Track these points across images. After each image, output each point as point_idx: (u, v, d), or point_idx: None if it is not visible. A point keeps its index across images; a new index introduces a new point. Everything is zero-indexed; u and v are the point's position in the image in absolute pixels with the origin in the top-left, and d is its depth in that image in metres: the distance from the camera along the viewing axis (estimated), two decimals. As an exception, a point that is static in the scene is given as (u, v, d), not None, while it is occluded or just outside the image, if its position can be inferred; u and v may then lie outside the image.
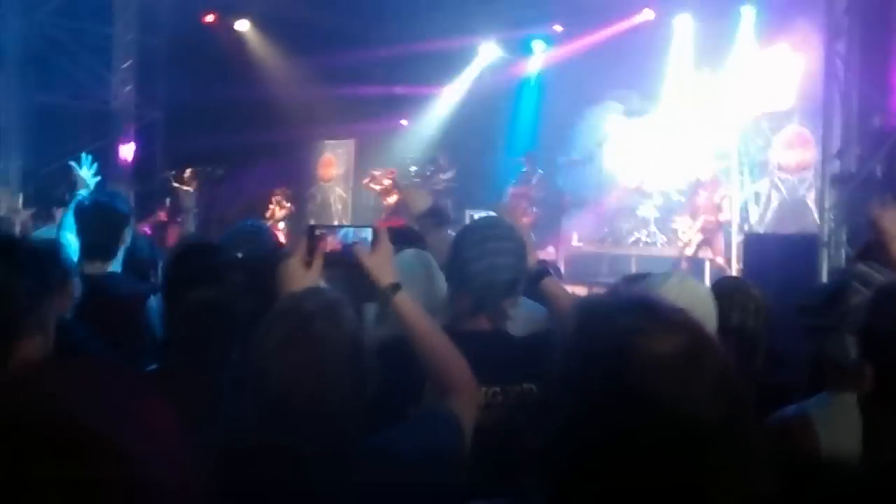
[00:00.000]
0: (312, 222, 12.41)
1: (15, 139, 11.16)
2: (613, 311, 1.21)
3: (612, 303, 1.24)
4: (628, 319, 1.17)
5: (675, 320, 1.16)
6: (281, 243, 3.51)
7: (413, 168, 13.43)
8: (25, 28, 11.11)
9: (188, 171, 12.52)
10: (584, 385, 1.15)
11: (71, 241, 3.67)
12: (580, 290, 9.09)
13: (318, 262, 2.13)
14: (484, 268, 2.33)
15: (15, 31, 10.97)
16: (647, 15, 11.47)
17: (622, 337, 1.14)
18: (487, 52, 13.60)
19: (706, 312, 2.37)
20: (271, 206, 13.31)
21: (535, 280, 2.63)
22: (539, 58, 13.24)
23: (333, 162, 14.86)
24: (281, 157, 13.58)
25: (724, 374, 1.14)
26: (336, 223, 13.88)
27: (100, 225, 3.63)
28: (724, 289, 3.00)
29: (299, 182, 14.53)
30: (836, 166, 7.00)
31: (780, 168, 9.85)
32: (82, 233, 3.61)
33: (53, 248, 2.57)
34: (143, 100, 12.19)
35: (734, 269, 9.50)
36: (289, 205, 13.43)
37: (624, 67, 11.40)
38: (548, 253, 10.74)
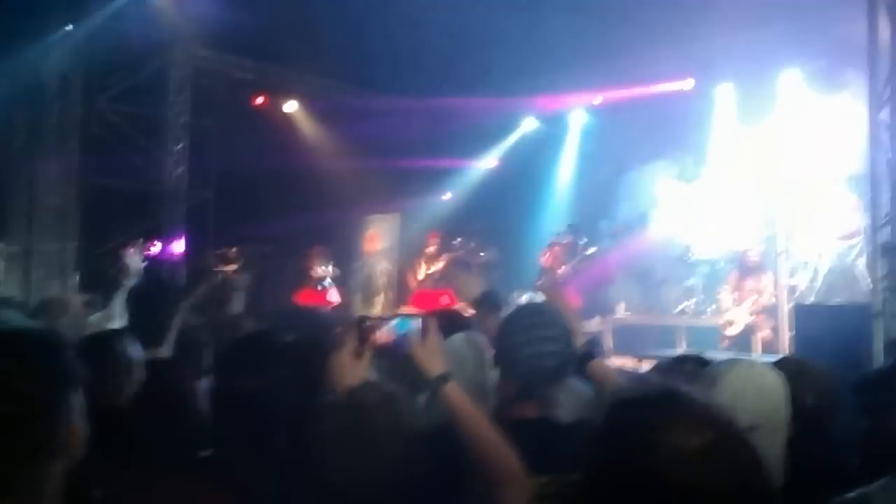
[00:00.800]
0: (364, 314, 12.51)
1: (72, 222, 11.51)
2: (640, 405, 1.24)
3: (639, 397, 1.27)
4: (654, 414, 1.20)
5: (700, 415, 1.19)
6: (332, 324, 3.55)
7: (458, 240, 13.51)
8: (86, 113, 11.57)
9: (233, 250, 12.71)
10: (612, 478, 1.18)
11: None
12: (627, 362, 9.00)
13: (367, 354, 2.16)
14: (530, 354, 2.34)
15: (76, 117, 11.43)
16: (688, 84, 11.57)
17: (647, 431, 1.17)
18: (528, 125, 13.81)
19: (777, 399, 2.31)
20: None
21: (582, 362, 2.63)
22: (577, 128, 13.40)
23: (378, 236, 15.03)
24: (328, 233, 13.78)
25: (751, 468, 1.16)
26: (381, 301, 13.97)
27: (150, 311, 3.70)
28: (791, 369, 2.91)
29: (346, 257, 14.68)
30: (886, 234, 6.90)
31: (828, 236, 9.74)
32: (133, 319, 3.67)
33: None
34: (195, 180, 12.53)
35: (782, 341, 9.32)
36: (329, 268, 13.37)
37: (666, 135, 11.49)
38: (594, 324, 10.66)
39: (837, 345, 6.04)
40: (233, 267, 12.61)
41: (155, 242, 11.52)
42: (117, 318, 3.88)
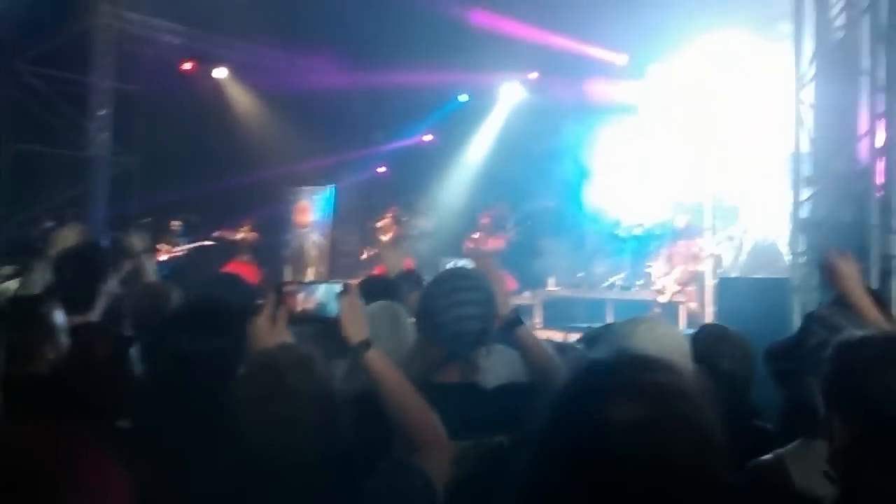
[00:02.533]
0: (284, 279, 12.41)
1: (-9, 187, 11.12)
2: (585, 373, 1.24)
3: (593, 364, 1.28)
4: (598, 383, 1.20)
5: (642, 385, 1.19)
6: (256, 292, 3.51)
7: (389, 214, 13.49)
8: (2, 76, 11.12)
9: (177, 223, 12.41)
10: (558, 449, 1.18)
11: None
12: (556, 335, 9.11)
13: (284, 319, 2.15)
14: (452, 319, 2.35)
15: (-7, 80, 11.00)
16: (621, 59, 11.73)
17: (582, 402, 1.18)
18: (461, 99, 13.84)
19: (680, 356, 2.39)
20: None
21: (509, 328, 2.65)
22: (510, 102, 13.46)
23: (310, 208, 14.88)
24: (258, 203, 13.58)
25: (698, 434, 1.17)
26: (310, 273, 13.89)
27: (80, 275, 3.61)
28: (710, 336, 3.02)
29: (277, 228, 14.52)
30: (805, 211, 7.11)
31: (754, 212, 10.00)
32: (61, 283, 3.57)
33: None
34: (119, 147, 12.19)
35: (708, 314, 9.57)
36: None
37: (600, 109, 11.65)
38: (523, 298, 10.78)
39: (758, 318, 6.22)
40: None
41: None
42: (38, 285, 3.76)
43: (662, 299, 10.10)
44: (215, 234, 12.64)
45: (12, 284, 5.34)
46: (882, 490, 1.59)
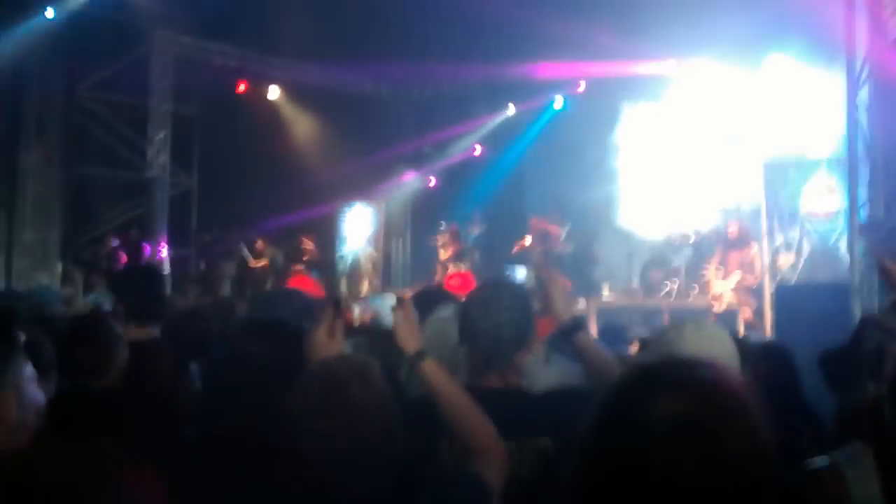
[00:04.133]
0: (339, 292, 12.58)
1: (55, 210, 11.47)
2: (630, 374, 1.25)
3: (638, 366, 1.27)
4: (641, 381, 1.21)
5: (686, 382, 1.17)
6: (316, 307, 3.57)
7: (443, 223, 13.58)
8: (67, 102, 11.51)
9: (259, 242, 12.67)
10: (604, 449, 1.18)
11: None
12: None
13: (341, 332, 2.21)
14: (489, 325, 2.40)
15: (57, 107, 11.37)
16: (669, 65, 11.65)
17: (624, 399, 1.18)
18: (515, 116, 13.89)
19: (728, 357, 2.40)
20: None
21: (567, 335, 2.67)
22: (556, 114, 13.48)
23: (365, 222, 15.04)
24: (312, 219, 13.78)
25: (743, 437, 1.14)
26: (364, 285, 14.02)
27: (145, 289, 3.71)
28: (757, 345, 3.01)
29: (331, 243, 14.70)
30: (863, 214, 6.99)
31: (810, 216, 9.83)
32: (126, 297, 3.66)
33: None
34: (177, 168, 12.49)
35: (767, 320, 9.41)
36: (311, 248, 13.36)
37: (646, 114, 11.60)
38: (578, 306, 10.73)
39: (819, 323, 6.12)
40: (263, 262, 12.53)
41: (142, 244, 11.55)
42: (100, 298, 3.90)
43: (718, 307, 9.96)
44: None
45: (80, 302, 5.54)
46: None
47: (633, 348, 3.82)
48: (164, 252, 11.79)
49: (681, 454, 1.10)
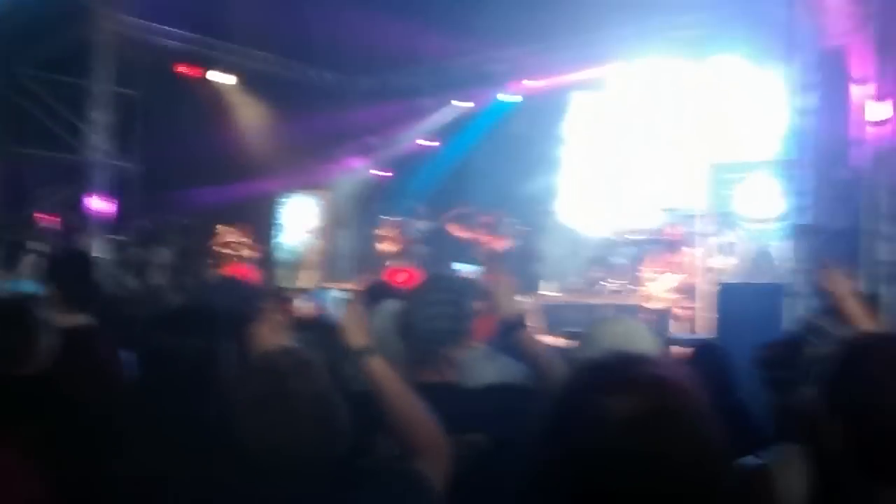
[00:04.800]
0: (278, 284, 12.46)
1: (-12, 191, 11.13)
2: (581, 372, 1.25)
3: (592, 362, 1.27)
4: (593, 378, 1.21)
5: (638, 382, 1.18)
6: (254, 297, 3.53)
7: (384, 217, 13.53)
8: (2, 81, 11.16)
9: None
10: (557, 447, 1.18)
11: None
12: (558, 341, 9.13)
13: (283, 325, 2.19)
14: (423, 318, 2.42)
15: (-7, 85, 11.02)
16: (615, 68, 11.76)
17: (584, 395, 1.18)
18: (458, 109, 13.88)
19: (647, 349, 2.44)
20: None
21: (509, 333, 2.68)
22: (504, 113, 13.52)
23: (305, 212, 14.90)
24: (253, 208, 13.59)
25: (693, 431, 1.16)
26: (306, 278, 13.91)
27: (77, 276, 3.63)
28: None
29: (273, 232, 14.54)
30: (799, 218, 7.15)
31: (745, 219, 10.04)
32: (59, 284, 3.57)
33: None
34: (118, 152, 12.20)
35: (700, 319, 9.60)
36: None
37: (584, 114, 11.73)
38: (523, 303, 10.78)
39: (757, 323, 6.24)
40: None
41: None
42: (25, 282, 3.79)
43: (649, 306, 10.13)
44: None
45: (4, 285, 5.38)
46: (869, 496, 1.60)
47: (560, 342, 3.86)
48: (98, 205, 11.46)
49: (634, 453, 1.11)
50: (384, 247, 12.86)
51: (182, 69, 12.83)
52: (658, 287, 10.15)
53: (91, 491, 1.80)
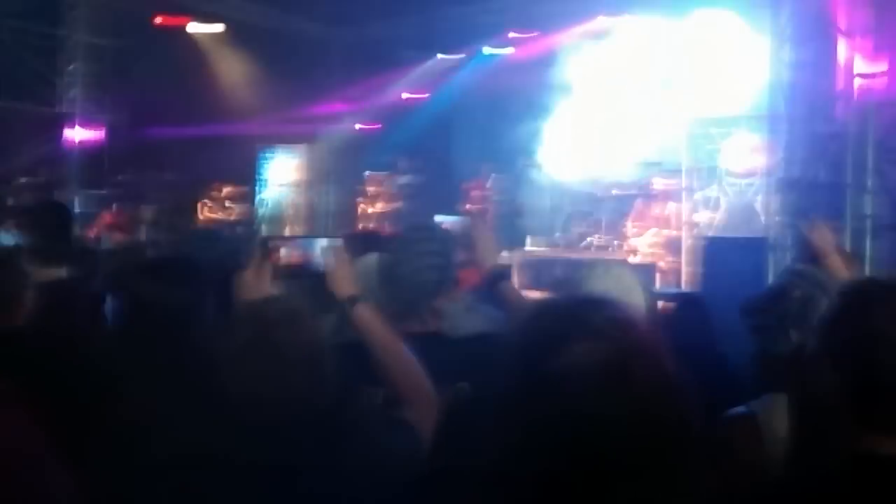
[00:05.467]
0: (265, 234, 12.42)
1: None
2: (546, 318, 1.22)
3: (544, 310, 1.25)
4: (557, 327, 1.18)
5: (603, 327, 1.15)
6: (238, 245, 3.50)
7: (367, 172, 13.45)
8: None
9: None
10: (518, 397, 1.16)
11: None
12: (535, 295, 9.16)
13: (269, 273, 2.16)
14: (408, 270, 2.39)
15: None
16: (601, 23, 11.66)
17: (550, 344, 1.15)
18: (444, 62, 13.72)
19: (635, 300, 2.44)
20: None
21: (491, 284, 2.68)
22: (490, 65, 13.38)
23: (288, 166, 14.77)
24: (233, 160, 13.45)
25: (658, 377, 1.14)
26: (288, 233, 13.85)
27: (52, 229, 3.58)
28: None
29: (253, 186, 14.43)
30: (781, 171, 7.17)
31: (729, 173, 10.04)
32: (34, 237, 3.53)
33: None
34: (89, 103, 11.99)
35: (685, 274, 9.65)
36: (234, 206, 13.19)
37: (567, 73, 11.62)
38: (501, 257, 10.79)
39: (740, 276, 6.29)
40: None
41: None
42: (2, 235, 3.74)
43: (634, 260, 10.17)
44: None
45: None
46: (858, 444, 1.59)
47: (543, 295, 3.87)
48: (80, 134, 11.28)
49: (599, 395, 1.09)
50: (369, 201, 12.84)
51: (161, 20, 12.55)
52: (643, 241, 10.18)
53: (77, 441, 1.78)
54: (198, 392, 1.85)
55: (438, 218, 10.27)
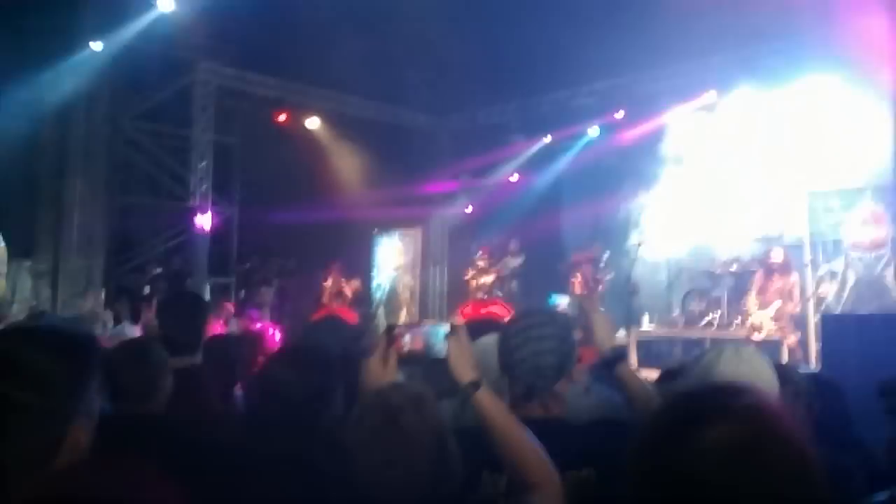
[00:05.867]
0: (391, 322, 12.62)
1: (98, 238, 11.66)
2: (676, 401, 1.23)
3: (684, 394, 1.26)
4: (688, 407, 1.19)
5: (737, 410, 1.16)
6: (359, 335, 3.58)
7: (479, 252, 13.58)
8: (112, 132, 11.74)
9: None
10: (643, 471, 1.17)
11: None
12: (653, 375, 8.93)
13: (394, 360, 2.20)
14: (528, 354, 2.39)
15: (102, 136, 11.60)
16: (711, 97, 11.58)
17: (679, 425, 1.16)
18: (552, 143, 13.89)
19: (766, 381, 2.36)
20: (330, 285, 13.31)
21: (608, 366, 2.65)
22: (595, 144, 13.43)
23: (401, 250, 15.09)
24: (348, 247, 13.86)
25: (791, 465, 1.12)
26: (404, 315, 14.03)
27: (185, 319, 3.72)
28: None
29: (368, 271, 14.77)
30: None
31: (855, 246, 9.66)
32: (167, 327, 3.68)
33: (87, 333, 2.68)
34: (219, 197, 12.64)
35: (812, 351, 9.24)
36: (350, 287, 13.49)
37: (680, 146, 11.54)
38: (619, 337, 10.62)
39: (865, 355, 5.98)
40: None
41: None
42: (127, 325, 3.93)
43: (758, 337, 9.79)
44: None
45: (120, 329, 5.60)
46: None
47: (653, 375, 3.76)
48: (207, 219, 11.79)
49: (736, 479, 1.09)
50: (479, 278, 12.91)
51: (281, 117, 13.23)
52: (764, 315, 9.79)
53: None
54: (326, 479, 1.90)
55: (554, 297, 10.25)
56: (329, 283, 13.10)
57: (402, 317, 14.15)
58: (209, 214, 12.07)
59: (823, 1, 8.95)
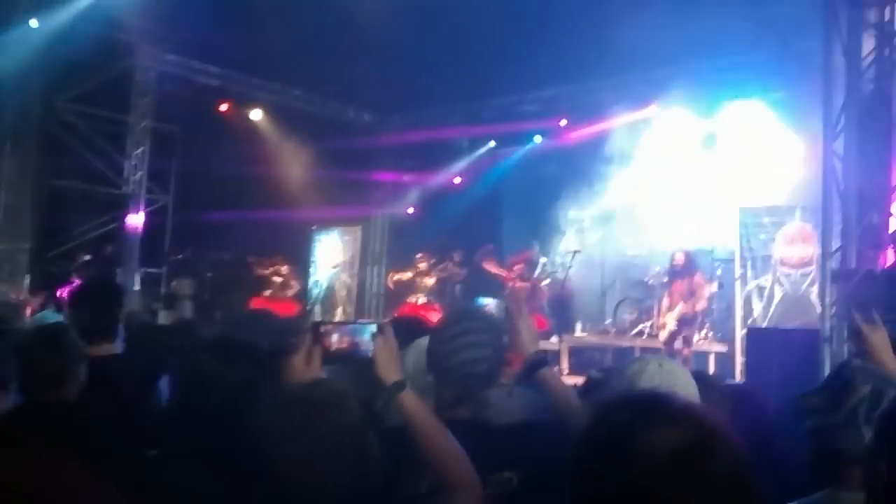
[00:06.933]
0: (317, 318, 12.53)
1: (26, 222, 11.31)
2: (622, 407, 1.23)
3: (622, 399, 1.26)
4: (630, 413, 1.19)
5: (677, 415, 1.17)
6: (288, 330, 3.53)
7: (419, 255, 13.56)
8: (44, 113, 11.39)
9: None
10: (584, 477, 1.17)
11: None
12: (576, 381, 9.00)
13: (318, 357, 2.18)
14: (460, 362, 2.38)
15: (34, 116, 11.24)
16: (653, 111, 11.78)
17: (623, 431, 1.16)
18: (495, 148, 13.98)
19: (689, 393, 2.40)
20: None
21: (531, 370, 2.66)
22: (537, 149, 13.56)
23: (340, 248, 14.99)
24: (287, 242, 13.72)
25: (732, 469, 1.14)
26: (340, 313, 13.95)
27: (101, 305, 3.64)
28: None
29: (305, 267, 14.64)
30: (836, 262, 7.03)
31: (783, 263, 9.92)
32: (82, 314, 3.59)
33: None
34: (155, 185, 12.40)
35: (738, 363, 9.47)
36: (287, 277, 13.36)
37: (619, 156, 11.72)
38: (550, 343, 10.72)
39: (788, 369, 6.15)
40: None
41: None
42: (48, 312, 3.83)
43: (662, 336, 10.03)
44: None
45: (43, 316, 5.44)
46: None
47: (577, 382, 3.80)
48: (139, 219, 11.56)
49: (682, 482, 1.10)
50: (419, 282, 12.88)
51: (223, 107, 13.04)
52: (670, 316, 10.02)
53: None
54: (245, 473, 1.87)
55: (482, 300, 10.31)
56: (269, 271, 12.96)
57: (338, 315, 14.06)
58: (142, 214, 11.85)
59: (758, 25, 9.21)
